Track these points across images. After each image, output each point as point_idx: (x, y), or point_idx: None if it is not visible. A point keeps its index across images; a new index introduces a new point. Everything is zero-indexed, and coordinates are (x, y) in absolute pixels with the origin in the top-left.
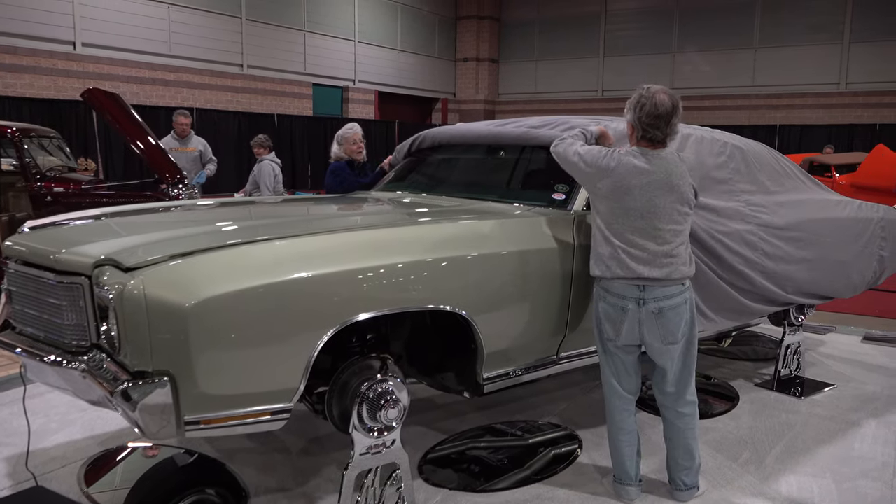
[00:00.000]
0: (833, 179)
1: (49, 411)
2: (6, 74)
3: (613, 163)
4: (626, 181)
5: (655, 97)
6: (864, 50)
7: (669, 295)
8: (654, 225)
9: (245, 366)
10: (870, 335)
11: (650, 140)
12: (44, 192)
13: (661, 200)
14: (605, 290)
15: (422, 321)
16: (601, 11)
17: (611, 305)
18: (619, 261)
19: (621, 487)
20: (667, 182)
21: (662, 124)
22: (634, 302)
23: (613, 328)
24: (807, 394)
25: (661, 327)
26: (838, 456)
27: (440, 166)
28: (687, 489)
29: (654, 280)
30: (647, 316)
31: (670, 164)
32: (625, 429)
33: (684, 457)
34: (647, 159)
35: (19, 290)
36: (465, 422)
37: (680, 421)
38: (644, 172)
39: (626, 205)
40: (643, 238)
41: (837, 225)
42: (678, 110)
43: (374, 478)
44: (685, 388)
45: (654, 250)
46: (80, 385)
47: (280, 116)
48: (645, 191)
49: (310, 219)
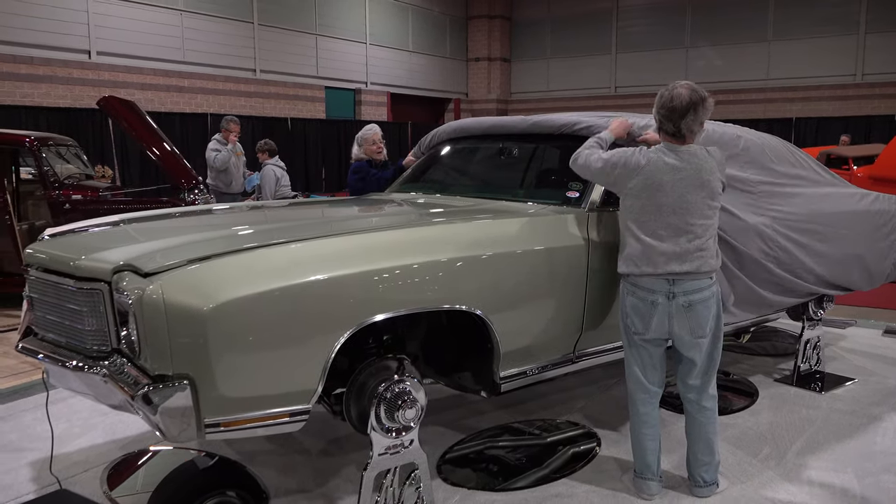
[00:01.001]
0: (851, 172)
1: (71, 416)
2: (23, 84)
3: (644, 160)
4: (657, 178)
5: (675, 90)
6: (880, 40)
7: (699, 288)
8: (685, 220)
9: (263, 368)
10: (891, 329)
11: (669, 133)
12: (62, 199)
13: (693, 196)
14: (633, 286)
15: (438, 321)
16: (613, 8)
17: (640, 300)
18: (649, 257)
19: (642, 482)
20: (697, 177)
21: (676, 117)
22: (664, 296)
23: (643, 322)
24: (827, 388)
25: (690, 320)
26: (860, 451)
27: (454, 166)
28: (706, 485)
29: (684, 274)
30: (678, 309)
31: (700, 159)
32: (648, 422)
33: (704, 452)
34: (677, 155)
35: (40, 297)
36: (483, 421)
37: (701, 415)
38: (675, 169)
39: (658, 201)
40: (674, 234)
41: (854, 217)
42: (699, 108)
43: (392, 478)
44: (709, 381)
45: (685, 246)
46: (101, 389)
47: (293, 120)
48: (677, 187)
49: (325, 221)
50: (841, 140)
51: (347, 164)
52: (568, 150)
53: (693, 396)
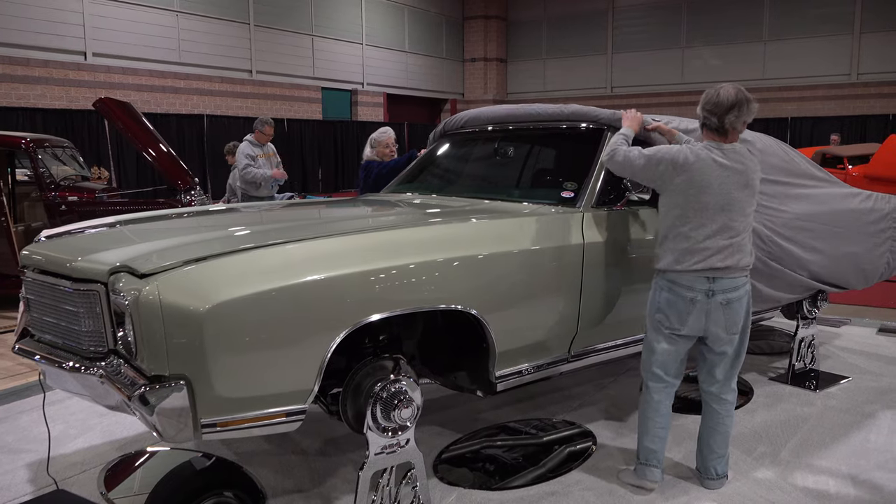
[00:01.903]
0: (846, 171)
1: (68, 417)
2: (19, 86)
3: (692, 157)
4: (705, 176)
5: (721, 89)
6: (875, 40)
7: (735, 286)
8: (729, 217)
9: (260, 368)
10: (885, 327)
11: (713, 129)
12: (58, 201)
13: (738, 194)
14: (671, 282)
15: (434, 321)
16: (608, 8)
17: (678, 297)
18: (692, 252)
19: (645, 468)
20: (744, 177)
21: (720, 112)
22: (703, 294)
23: (679, 318)
24: (822, 387)
25: (726, 318)
26: (854, 448)
27: (449, 167)
28: (718, 478)
29: (723, 270)
30: (715, 307)
31: (745, 158)
32: (660, 411)
33: (720, 444)
34: (724, 153)
35: (37, 299)
36: (479, 421)
37: (721, 407)
38: (723, 167)
39: (704, 199)
40: (717, 230)
41: (849, 216)
42: (743, 106)
43: (389, 477)
44: (733, 375)
45: (726, 242)
46: (98, 390)
47: (290, 121)
48: (724, 185)
49: (321, 222)
50: (831, 139)
51: (344, 164)
52: (563, 150)
53: (715, 389)
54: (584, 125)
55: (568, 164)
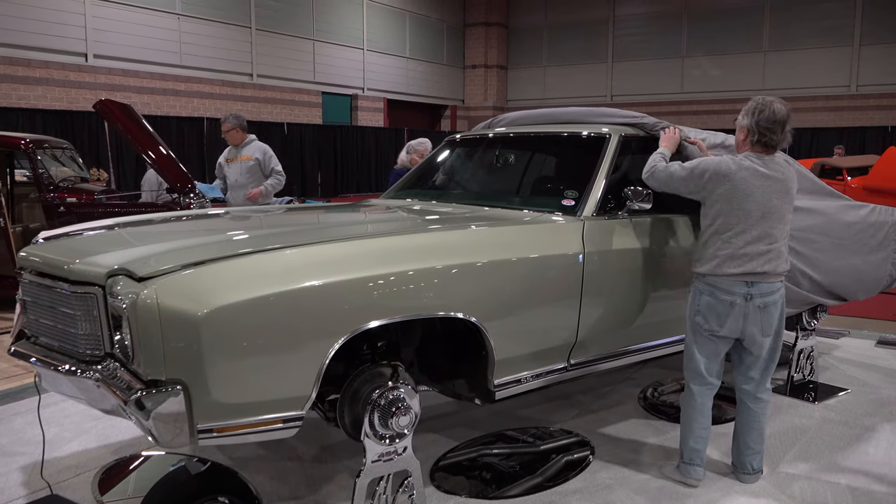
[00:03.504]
0: (845, 182)
1: (63, 420)
2: (19, 86)
3: (735, 167)
4: (748, 185)
5: (773, 105)
6: (875, 52)
7: (772, 291)
8: (769, 224)
9: (257, 374)
10: (884, 339)
11: (764, 144)
12: (57, 202)
13: (778, 202)
14: (711, 286)
15: (433, 328)
16: (609, 16)
17: (718, 300)
18: (732, 258)
19: (689, 467)
20: (784, 186)
21: (779, 129)
22: (742, 297)
23: (718, 321)
24: (820, 399)
25: (763, 320)
26: (853, 461)
27: (451, 173)
28: (754, 472)
29: (762, 275)
30: (753, 310)
31: (784, 167)
32: (704, 412)
33: (756, 441)
34: (766, 164)
35: (34, 301)
36: (477, 429)
37: (757, 406)
38: (765, 177)
39: (746, 207)
40: (757, 237)
41: (849, 228)
42: (790, 120)
43: (386, 485)
44: (768, 374)
45: (765, 247)
46: (94, 394)
47: (290, 125)
48: (766, 194)
49: (320, 227)
50: (835, 152)
51: (343, 169)
52: (565, 158)
53: (751, 388)
54: (587, 133)
55: (569, 171)
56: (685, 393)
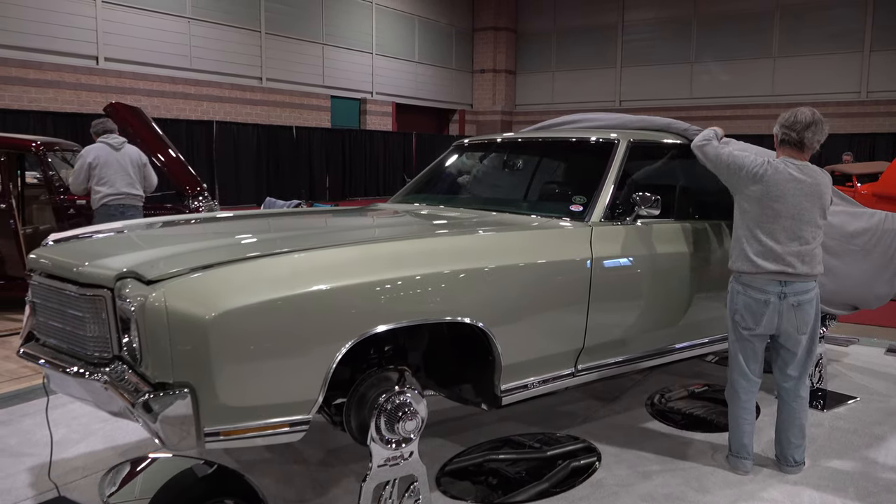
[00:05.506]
0: (855, 189)
1: (71, 422)
2: (31, 89)
3: (770, 170)
4: (780, 187)
5: (798, 110)
6: (885, 58)
7: (806, 290)
8: (799, 226)
9: (264, 377)
10: (893, 347)
11: (789, 144)
12: (67, 205)
13: (808, 205)
14: (746, 285)
15: (439, 333)
16: (618, 22)
17: (753, 299)
18: (766, 256)
19: (738, 461)
20: (815, 190)
21: (799, 128)
22: (776, 296)
23: (754, 319)
24: (829, 406)
25: (797, 318)
26: (862, 470)
27: (459, 178)
28: (796, 465)
29: (796, 275)
30: (787, 308)
31: (818, 174)
32: (748, 408)
33: (797, 435)
34: (799, 168)
35: (43, 302)
36: (483, 434)
37: (796, 402)
38: (797, 180)
39: (777, 208)
40: (789, 238)
41: (861, 236)
42: (819, 125)
43: (391, 489)
44: (805, 372)
45: (797, 249)
46: (101, 396)
47: (298, 128)
48: (796, 196)
49: (328, 231)
50: (843, 158)
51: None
52: (573, 163)
53: (790, 386)
54: (595, 138)
55: (577, 177)
56: (730, 391)
